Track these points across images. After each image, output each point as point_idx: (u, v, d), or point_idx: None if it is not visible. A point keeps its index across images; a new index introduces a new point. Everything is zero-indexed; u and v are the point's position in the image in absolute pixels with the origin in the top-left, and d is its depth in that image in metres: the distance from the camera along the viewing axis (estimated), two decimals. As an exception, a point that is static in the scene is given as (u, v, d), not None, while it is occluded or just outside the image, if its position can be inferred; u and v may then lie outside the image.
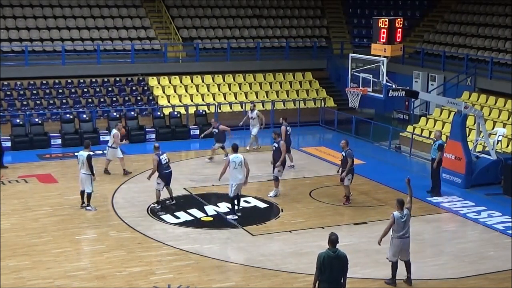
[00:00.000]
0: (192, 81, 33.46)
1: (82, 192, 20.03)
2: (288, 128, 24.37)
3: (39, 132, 27.98)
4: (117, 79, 32.47)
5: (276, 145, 21.37)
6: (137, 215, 19.55)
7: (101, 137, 28.10)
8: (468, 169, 22.95)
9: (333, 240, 12.66)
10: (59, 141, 27.79)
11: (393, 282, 15.25)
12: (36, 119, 28.54)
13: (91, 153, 20.14)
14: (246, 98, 33.29)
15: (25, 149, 26.97)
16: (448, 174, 23.45)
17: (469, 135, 25.32)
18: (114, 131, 23.82)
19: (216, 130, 25.79)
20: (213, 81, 33.81)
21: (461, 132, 23.26)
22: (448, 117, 28.44)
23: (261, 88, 34.26)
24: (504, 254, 17.36)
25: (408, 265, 15.28)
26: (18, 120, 28.08)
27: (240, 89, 33.86)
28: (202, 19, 36.76)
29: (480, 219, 19.93)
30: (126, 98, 31.56)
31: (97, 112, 29.83)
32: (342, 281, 12.68)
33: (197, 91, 33.09)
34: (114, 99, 31.32)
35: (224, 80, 34.04)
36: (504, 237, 18.60)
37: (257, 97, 33.53)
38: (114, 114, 29.49)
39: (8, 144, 26.72)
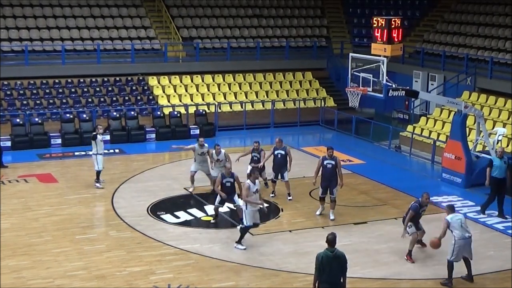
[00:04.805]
0: (192, 81, 33.45)
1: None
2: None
3: (39, 131, 27.98)
4: (117, 78, 32.46)
5: (334, 162, 19.13)
6: (137, 215, 19.55)
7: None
8: (468, 168, 22.95)
9: (331, 240, 12.63)
10: (59, 141, 27.80)
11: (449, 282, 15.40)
12: (36, 119, 28.53)
13: (97, 134, 21.92)
14: (246, 97, 33.29)
15: (25, 148, 26.97)
16: (448, 174, 23.46)
17: (469, 135, 25.31)
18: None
19: (258, 156, 21.89)
20: (213, 80, 33.80)
21: (461, 132, 23.26)
22: (448, 116, 28.43)
23: (261, 88, 34.25)
24: (504, 254, 17.36)
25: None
26: (18, 120, 28.08)
27: (240, 88, 33.85)
28: (202, 19, 36.76)
29: (480, 219, 19.91)
30: (126, 98, 31.55)
31: (97, 112, 29.82)
32: (341, 280, 12.67)
33: (197, 90, 33.08)
34: (114, 98, 31.31)
35: (224, 80, 34.03)
36: (504, 237, 18.60)
37: (257, 97, 33.53)
38: (114, 113, 29.49)
39: (8, 143, 26.73)
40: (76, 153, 26.54)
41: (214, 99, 32.61)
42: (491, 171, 20.07)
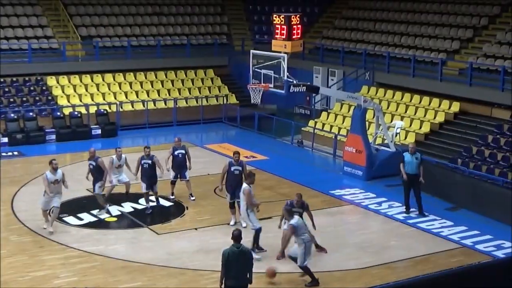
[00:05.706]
0: (92, 80, 32.91)
1: None
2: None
3: None
4: (14, 79, 31.60)
5: (241, 168, 18.72)
6: (39, 218, 19.07)
7: (-3, 138, 27.40)
8: (369, 161, 23.47)
9: (236, 236, 12.72)
10: (-46, 145, 26.87)
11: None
12: None
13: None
14: (148, 96, 33.02)
15: None
16: (350, 167, 23.93)
17: (368, 128, 25.87)
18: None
19: (149, 163, 19.85)
20: (114, 79, 33.38)
21: (361, 126, 23.76)
22: (348, 111, 28.99)
23: (163, 86, 34.06)
24: (405, 243, 17.87)
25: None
26: None
27: (142, 87, 33.55)
28: (101, 17, 36.21)
29: (381, 210, 20.43)
30: (24, 99, 30.77)
31: (-6, 114, 28.99)
32: (248, 276, 12.76)
33: (98, 90, 32.57)
34: (12, 100, 30.48)
35: (125, 79, 33.65)
36: (404, 227, 19.15)
37: (159, 95, 33.32)
38: (12, 115, 28.71)
39: None
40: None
41: (115, 98, 32.20)
42: (404, 167, 20.06)
